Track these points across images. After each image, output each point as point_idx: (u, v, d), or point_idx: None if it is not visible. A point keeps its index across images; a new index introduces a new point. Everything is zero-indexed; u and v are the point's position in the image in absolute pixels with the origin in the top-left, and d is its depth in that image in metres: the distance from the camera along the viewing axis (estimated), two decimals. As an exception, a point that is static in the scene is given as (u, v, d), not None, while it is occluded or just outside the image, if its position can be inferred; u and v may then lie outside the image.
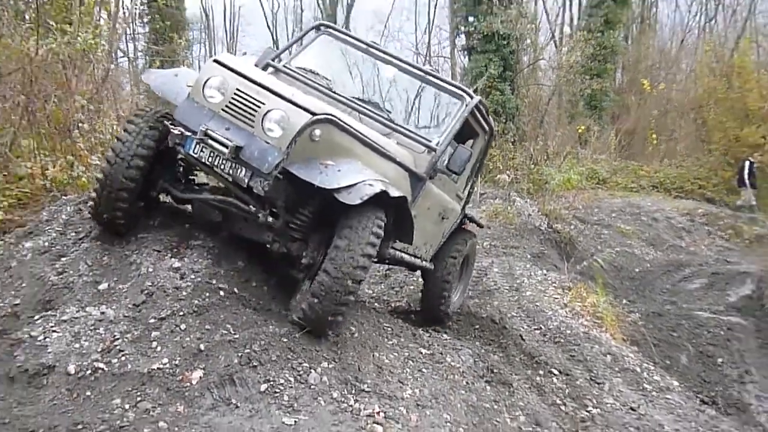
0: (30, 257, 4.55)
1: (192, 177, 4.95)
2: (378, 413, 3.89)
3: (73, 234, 4.70)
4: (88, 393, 3.53)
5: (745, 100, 18.91)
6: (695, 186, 19.35)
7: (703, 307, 9.98)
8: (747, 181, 17.26)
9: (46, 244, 4.67)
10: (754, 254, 13.93)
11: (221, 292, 4.32)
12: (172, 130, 4.17)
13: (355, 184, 3.98)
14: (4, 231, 5.05)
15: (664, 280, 12.10)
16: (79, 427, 3.29)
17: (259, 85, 4.15)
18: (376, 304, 6.88)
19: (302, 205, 4.41)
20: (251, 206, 4.35)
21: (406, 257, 5.59)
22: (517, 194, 14.42)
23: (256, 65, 5.40)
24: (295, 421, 3.51)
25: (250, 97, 4.09)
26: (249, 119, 4.06)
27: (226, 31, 41.60)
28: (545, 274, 9.52)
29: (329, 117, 4.16)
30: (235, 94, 4.12)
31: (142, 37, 22.01)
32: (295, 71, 5.48)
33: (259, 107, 4.05)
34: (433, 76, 5.77)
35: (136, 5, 18.24)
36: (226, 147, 3.93)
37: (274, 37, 39.18)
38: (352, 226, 4.02)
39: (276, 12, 40.39)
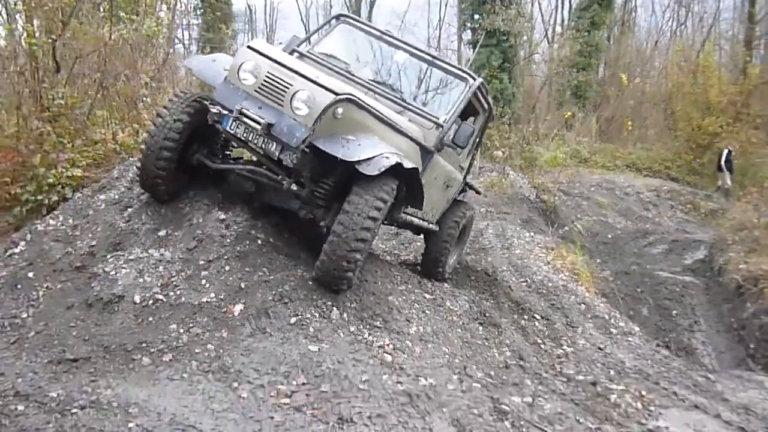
0: (103, 207, 4.61)
1: (228, 152, 4.87)
2: (388, 345, 3.93)
3: (138, 189, 4.73)
4: (150, 319, 3.61)
5: (708, 94, 18.58)
6: (662, 167, 19.10)
7: (663, 268, 9.94)
8: (724, 167, 16.83)
9: (116, 197, 4.72)
10: (708, 226, 13.82)
11: (259, 241, 4.35)
12: (211, 109, 4.09)
13: (374, 156, 3.88)
14: (83, 186, 5.10)
15: (631, 245, 12.04)
16: (143, 345, 3.37)
17: (288, 68, 4.03)
18: (387, 257, 6.90)
19: (326, 176, 4.30)
20: (280, 176, 4.26)
21: (416, 221, 5.51)
22: (511, 169, 14.29)
23: (283, 51, 5.05)
24: (319, 349, 3.56)
25: (280, 79, 3.98)
26: (279, 99, 3.96)
27: (266, 23, 41.19)
28: (532, 236, 9.49)
29: (350, 96, 4.04)
30: (266, 76, 4.01)
31: (195, 27, 21.86)
32: (317, 56, 5.29)
33: (287, 88, 3.94)
34: (440, 60, 5.58)
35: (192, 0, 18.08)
36: (259, 124, 3.86)
37: (307, 29, 38.76)
38: (359, 193, 3.92)
39: (309, 8, 40.07)
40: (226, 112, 4.01)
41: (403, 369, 3.68)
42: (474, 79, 5.35)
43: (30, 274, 3.93)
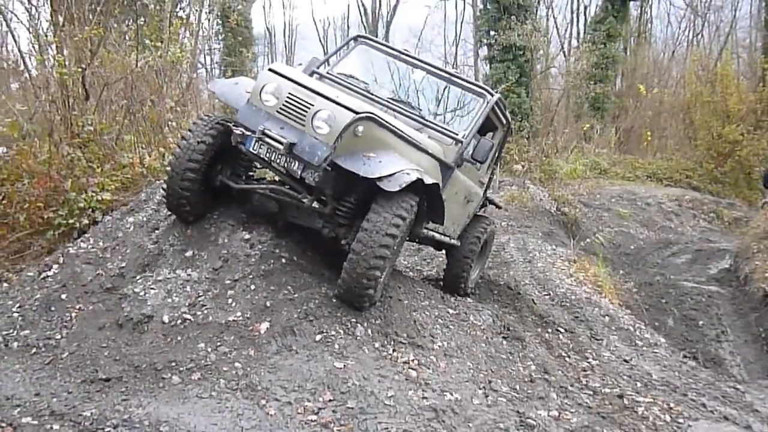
0: (132, 229, 4.70)
1: (251, 173, 4.90)
2: (413, 360, 3.93)
3: (165, 211, 4.81)
4: (179, 338, 3.65)
5: (726, 103, 18.34)
6: (683, 176, 18.85)
7: (688, 278, 9.77)
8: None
9: (144, 219, 4.81)
10: (732, 234, 13.58)
11: (283, 260, 4.38)
12: (234, 130, 4.13)
13: (395, 173, 3.88)
14: (112, 209, 5.19)
15: (654, 255, 11.86)
16: (173, 364, 3.41)
17: (308, 88, 4.08)
18: (410, 272, 6.90)
19: (348, 194, 4.33)
20: (301, 194, 4.28)
21: (437, 236, 5.47)
22: (531, 182, 14.21)
23: (303, 73, 5.13)
24: (344, 365, 3.56)
25: (301, 99, 4.02)
26: (300, 119, 4.00)
27: (285, 45, 41.75)
28: (554, 249, 9.41)
29: (370, 114, 4.06)
30: (288, 97, 4.05)
31: (217, 51, 22.25)
32: (337, 77, 5.32)
33: (308, 108, 3.98)
34: (457, 77, 5.59)
35: (214, 26, 18.43)
36: (281, 144, 3.90)
37: (325, 50, 39.18)
38: (378, 210, 3.92)
39: (327, 29, 40.35)
40: (249, 133, 4.05)
41: (429, 384, 3.67)
42: (491, 95, 5.34)
43: (63, 296, 4.01)
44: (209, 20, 11.57)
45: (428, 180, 4.09)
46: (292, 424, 3.02)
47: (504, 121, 5.91)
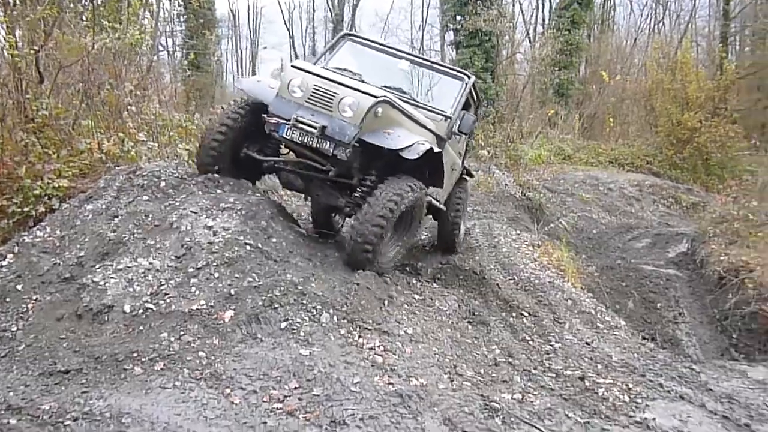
0: (90, 217, 4.58)
1: (277, 155, 5.54)
2: (379, 346, 3.94)
3: (125, 198, 4.72)
4: (141, 328, 3.59)
5: (686, 90, 18.73)
6: (644, 162, 19.24)
7: (648, 261, 10.02)
8: None
9: (104, 206, 4.69)
10: (690, 219, 13.96)
11: (248, 247, 4.34)
12: (268, 120, 4.81)
13: (412, 144, 4.74)
14: (69, 196, 5.05)
15: (616, 239, 12.13)
16: (135, 354, 3.35)
17: (331, 80, 4.82)
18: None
19: (370, 167, 5.11)
20: (327, 168, 4.99)
21: (433, 201, 6.06)
22: (496, 167, 14.37)
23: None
24: (310, 353, 3.56)
25: (327, 90, 4.76)
26: (328, 106, 4.73)
27: (249, 28, 41.06)
28: (519, 234, 9.53)
29: (387, 98, 4.86)
30: (314, 88, 4.77)
31: (179, 33, 21.73)
32: (333, 70, 5.78)
33: (334, 96, 4.73)
34: (438, 64, 6.56)
35: (175, 7, 17.99)
36: (315, 127, 4.65)
37: (290, 33, 38.70)
38: (382, 188, 4.74)
39: (292, 11, 40.04)
40: (283, 121, 4.75)
41: (395, 370, 3.69)
42: (469, 77, 6.31)
43: (18, 287, 3.89)
44: (170, 1, 11.28)
45: (436, 149, 5.01)
46: (258, 412, 3.01)
47: (476, 99, 6.92)
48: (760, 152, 18.29)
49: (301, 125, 4.66)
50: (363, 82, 5.56)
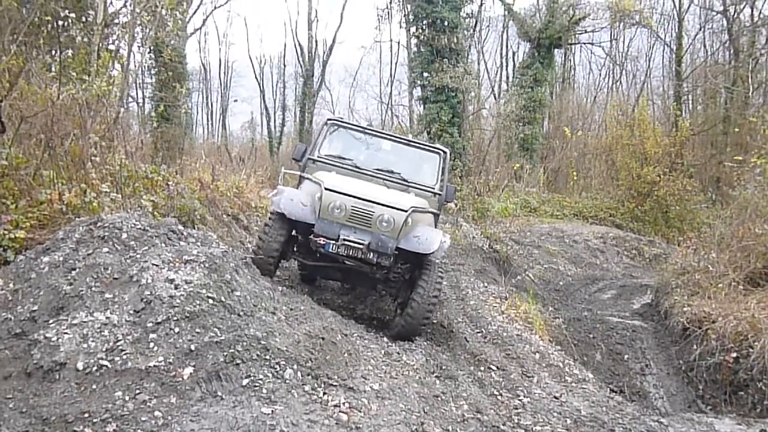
0: (47, 270, 4.40)
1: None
2: (344, 403, 3.83)
3: (84, 250, 4.56)
4: (94, 386, 3.41)
5: (644, 146, 19.42)
6: (606, 214, 19.68)
7: (613, 313, 10.10)
8: None
9: (61, 258, 4.52)
10: (653, 270, 14.20)
11: (210, 301, 4.20)
12: (316, 240, 5.55)
13: (439, 246, 5.71)
14: (26, 248, 4.87)
15: (582, 291, 12.25)
16: (86, 415, 3.17)
17: (364, 200, 5.62)
18: (343, 311, 6.78)
19: (399, 258, 5.80)
20: (370, 270, 5.84)
21: None
22: (464, 220, 14.49)
23: (296, 159, 6.83)
24: (272, 411, 3.43)
25: (363, 209, 5.61)
26: (366, 223, 5.61)
27: (220, 81, 41.48)
28: (486, 287, 9.54)
29: (414, 208, 5.79)
30: (352, 209, 5.60)
31: (149, 85, 21.77)
32: (326, 159, 6.68)
33: (371, 215, 5.60)
34: (415, 142, 7.36)
35: (146, 59, 18.07)
36: (362, 245, 5.51)
37: (261, 87, 39.12)
38: (427, 276, 5.73)
39: (263, 66, 40.34)
40: (330, 240, 5.52)
41: (360, 428, 3.57)
42: (444, 152, 7.09)
43: (-35, 344, 3.69)
44: (141, 54, 11.28)
45: (448, 241, 6.08)
46: (215, 476, 2.86)
47: (447, 166, 7.42)
48: (717, 205, 18.90)
49: (348, 243, 5.49)
50: (356, 168, 6.59)
